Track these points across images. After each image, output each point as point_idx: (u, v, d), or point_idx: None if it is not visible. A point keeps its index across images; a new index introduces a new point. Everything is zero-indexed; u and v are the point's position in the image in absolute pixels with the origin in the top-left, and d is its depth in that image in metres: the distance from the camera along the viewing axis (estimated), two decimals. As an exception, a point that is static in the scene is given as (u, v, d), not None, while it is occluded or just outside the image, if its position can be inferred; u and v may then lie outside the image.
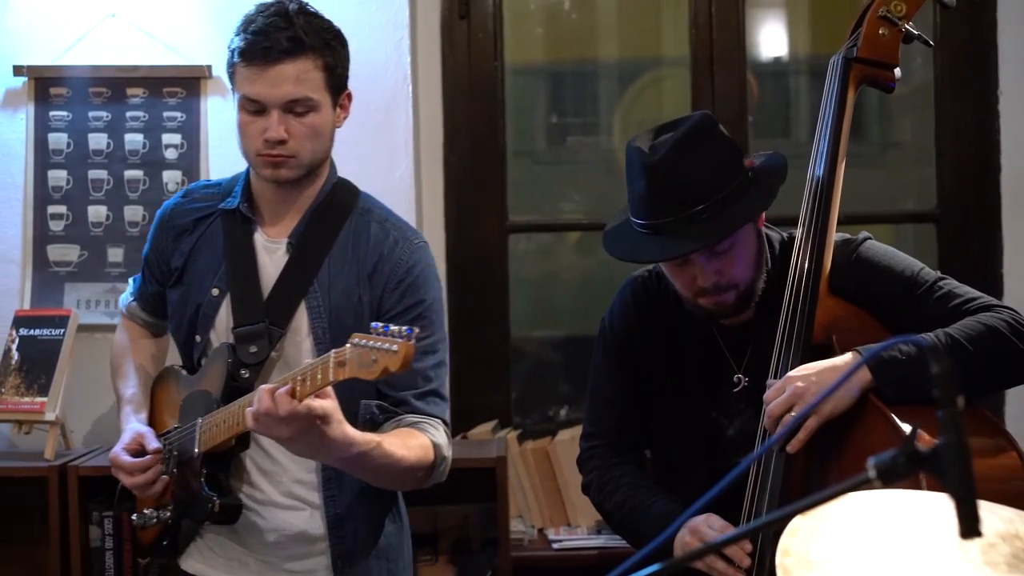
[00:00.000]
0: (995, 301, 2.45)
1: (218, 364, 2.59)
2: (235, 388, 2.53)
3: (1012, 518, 1.80)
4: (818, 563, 1.61)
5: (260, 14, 2.52)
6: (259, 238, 2.65)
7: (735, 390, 2.57)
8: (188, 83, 3.85)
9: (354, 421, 2.38)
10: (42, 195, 3.88)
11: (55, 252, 3.88)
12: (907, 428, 2.19)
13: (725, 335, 2.60)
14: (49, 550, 3.49)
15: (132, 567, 3.53)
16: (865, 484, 1.22)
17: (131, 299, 2.90)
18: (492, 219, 4.14)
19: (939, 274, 2.51)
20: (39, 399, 3.60)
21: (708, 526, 2.41)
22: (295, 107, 2.50)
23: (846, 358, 2.34)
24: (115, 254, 3.87)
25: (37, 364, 3.64)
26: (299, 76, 2.49)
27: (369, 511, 2.65)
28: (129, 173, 3.87)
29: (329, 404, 2.22)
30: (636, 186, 2.47)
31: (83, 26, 3.86)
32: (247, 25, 2.52)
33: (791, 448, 2.35)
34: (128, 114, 3.87)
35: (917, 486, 1.75)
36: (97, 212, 3.88)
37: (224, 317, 2.63)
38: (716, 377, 2.59)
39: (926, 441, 1.25)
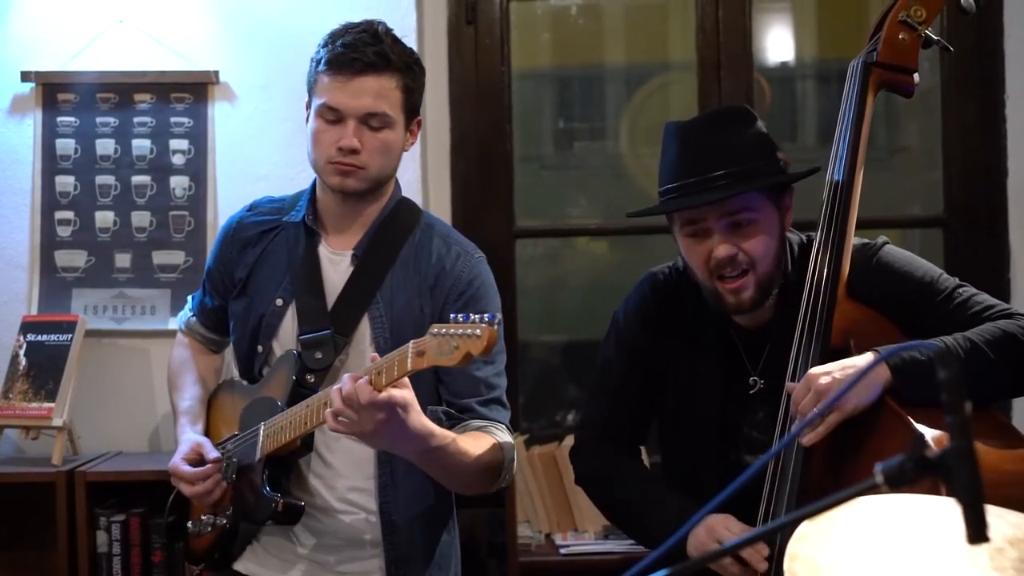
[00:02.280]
0: (1014, 309, 2.46)
1: (284, 370, 2.64)
2: (300, 394, 2.58)
3: (1020, 523, 1.80)
4: (825, 568, 1.60)
5: (349, 30, 2.60)
6: (323, 250, 2.70)
7: (751, 392, 2.57)
8: (196, 89, 3.86)
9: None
10: (49, 201, 3.89)
11: (62, 258, 3.89)
12: (922, 431, 2.18)
13: (742, 336, 2.59)
14: (57, 555, 3.50)
15: (141, 572, 3.53)
16: (873, 489, 1.21)
17: (191, 315, 2.96)
18: (499, 224, 4.14)
19: (958, 281, 2.51)
20: (47, 404, 3.60)
21: (726, 527, 2.40)
22: (371, 120, 2.57)
23: (867, 357, 2.34)
24: (122, 259, 3.88)
25: (44, 369, 3.65)
26: (380, 91, 2.56)
27: (425, 518, 2.70)
28: (136, 179, 3.88)
29: (408, 393, 2.27)
30: (667, 155, 2.52)
31: (91, 32, 3.87)
32: (335, 38, 2.59)
33: (808, 441, 2.34)
34: (136, 119, 3.88)
35: (936, 491, 1.75)
36: (104, 218, 3.88)
37: (288, 327, 2.68)
38: (732, 377, 2.58)
39: (936, 444, 1.25)
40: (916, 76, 2.58)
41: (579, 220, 4.54)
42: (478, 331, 2.12)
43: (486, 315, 2.14)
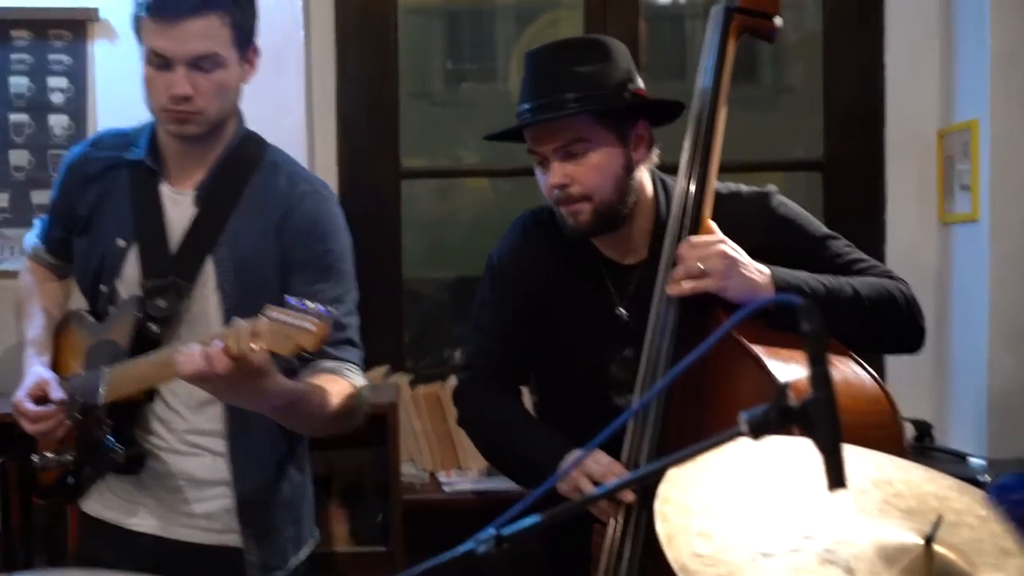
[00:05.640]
0: (893, 272, 2.57)
1: (127, 316, 2.58)
2: (143, 341, 2.53)
3: (883, 464, 1.86)
4: (696, 510, 1.64)
5: None
6: (165, 190, 2.64)
7: (617, 324, 2.60)
8: (75, 26, 3.79)
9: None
10: (-75, 137, 3.81)
11: (-61, 195, 3.82)
12: (781, 378, 2.24)
13: (612, 272, 2.63)
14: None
15: (21, 516, 3.49)
16: (737, 437, 1.25)
17: (37, 241, 2.88)
18: (385, 165, 4.12)
19: (846, 240, 2.61)
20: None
21: (594, 461, 2.44)
22: (202, 63, 2.49)
23: (763, 268, 2.41)
24: (0, 199, 3.81)
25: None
26: (207, 32, 2.47)
27: (274, 459, 2.67)
28: (14, 117, 3.81)
29: (264, 358, 2.23)
30: (524, 81, 2.55)
31: (-35, -36, 3.78)
32: None
33: (672, 291, 2.40)
34: (13, 56, 3.80)
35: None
36: (-19, 156, 3.82)
37: (131, 269, 2.62)
38: (600, 312, 2.62)
39: (799, 392, 1.29)
40: (779, 20, 2.60)
41: (467, 159, 4.53)
42: (311, 326, 2.10)
43: (320, 308, 2.12)
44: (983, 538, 1.73)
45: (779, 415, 1.21)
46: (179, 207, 2.62)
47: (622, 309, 2.61)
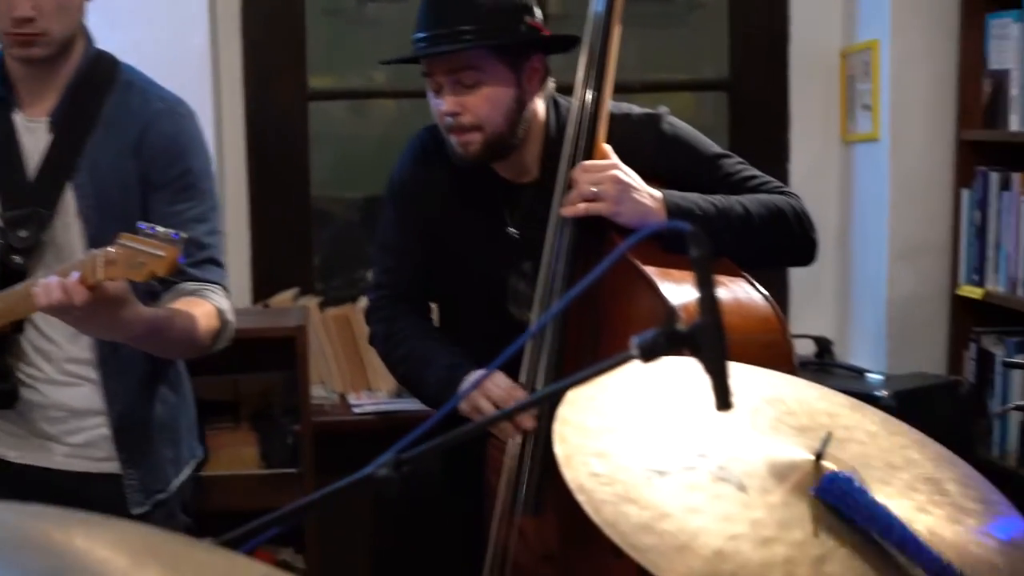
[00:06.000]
0: (787, 188, 2.63)
1: None
2: (8, 273, 2.48)
3: (777, 383, 1.91)
4: (594, 431, 1.68)
5: None
6: (18, 119, 2.58)
7: (510, 242, 2.63)
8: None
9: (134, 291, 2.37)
10: None
11: None
12: (674, 301, 2.28)
13: (505, 191, 2.66)
14: None
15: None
16: (628, 361, 1.28)
17: None
18: (292, 86, 4.08)
19: (738, 157, 2.65)
20: None
21: (494, 384, 2.48)
22: None
23: (655, 190, 2.45)
24: None
25: None
26: None
27: (146, 383, 2.65)
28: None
29: (121, 287, 2.21)
30: (420, 9, 2.56)
31: None
32: None
33: (566, 212, 2.43)
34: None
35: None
36: None
37: None
38: (494, 230, 2.65)
39: (691, 314, 1.32)
40: None
41: (378, 78, 4.47)
42: (161, 252, 2.11)
43: (171, 232, 2.12)
44: (872, 453, 1.78)
45: (668, 339, 1.24)
46: (34, 135, 2.56)
47: (513, 228, 2.63)
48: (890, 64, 3.86)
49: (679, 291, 2.30)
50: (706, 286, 1.22)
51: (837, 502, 1.56)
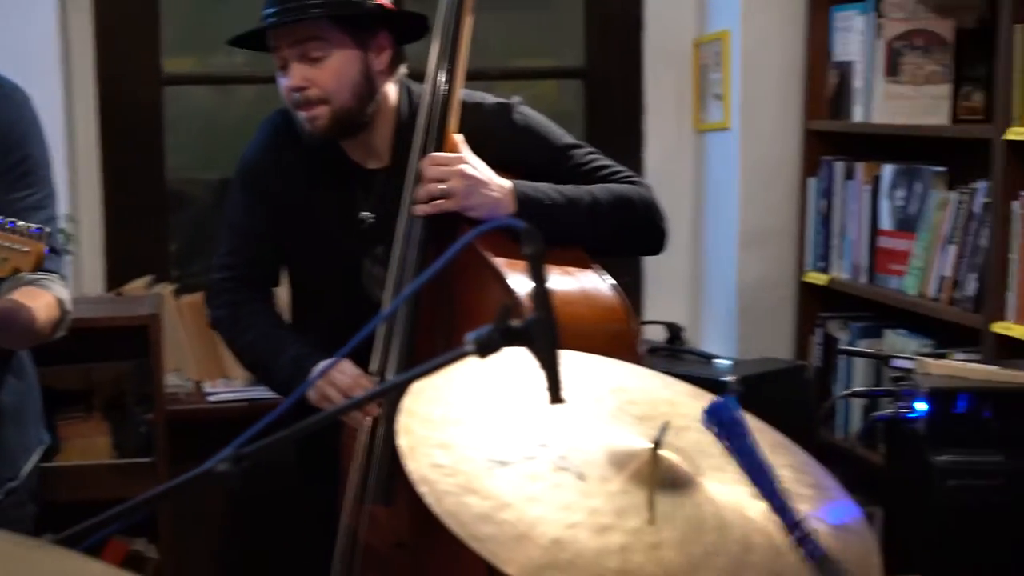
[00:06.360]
0: (638, 178, 2.67)
1: None
2: None
3: (620, 372, 1.94)
4: (438, 421, 1.70)
5: None
6: None
7: (363, 226, 2.64)
8: None
9: None
10: None
11: None
12: (521, 291, 2.32)
13: (358, 175, 2.66)
14: None
15: None
16: (464, 356, 1.30)
17: None
18: (146, 69, 4.02)
19: (590, 147, 2.69)
20: None
21: (341, 373, 2.49)
22: None
23: (505, 181, 2.48)
24: None
25: None
26: None
27: None
28: None
29: None
30: None
31: None
32: None
33: (418, 211, 2.46)
34: None
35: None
36: None
37: None
38: (347, 215, 2.65)
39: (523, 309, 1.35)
40: None
41: (237, 58, 4.40)
42: (26, 247, 2.10)
43: (31, 227, 2.11)
44: (709, 441, 1.82)
45: (502, 335, 1.27)
46: None
47: (366, 212, 2.64)
48: (740, 54, 3.93)
49: (527, 282, 2.33)
50: (539, 282, 1.25)
51: (722, 427, 1.58)
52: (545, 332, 1.25)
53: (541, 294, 1.25)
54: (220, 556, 3.99)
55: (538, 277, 1.25)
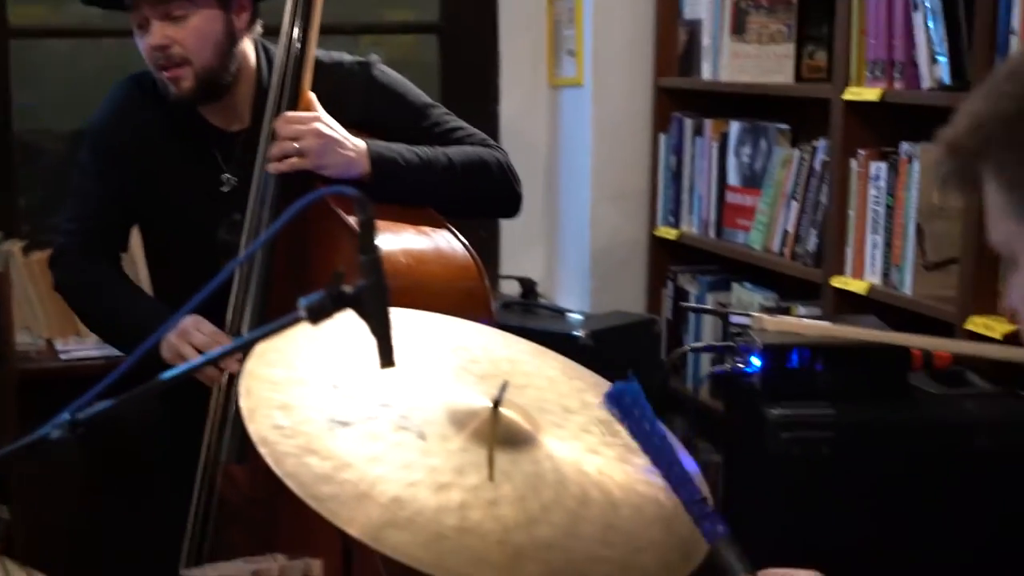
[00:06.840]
0: (493, 142, 2.70)
1: None
2: None
3: (463, 331, 1.97)
4: (281, 383, 1.71)
5: None
6: None
7: (223, 191, 2.63)
8: None
9: None
10: None
11: None
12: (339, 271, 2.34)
13: (218, 139, 2.65)
14: None
15: None
16: (296, 322, 1.32)
17: None
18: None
19: (445, 109, 2.70)
20: None
21: (196, 329, 2.49)
22: None
23: (359, 141, 2.49)
24: None
25: None
26: None
27: None
28: None
29: None
30: None
31: None
32: None
33: (272, 168, 2.46)
34: None
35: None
36: None
37: None
38: (206, 179, 2.64)
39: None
40: None
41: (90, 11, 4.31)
42: None
43: None
44: (548, 398, 1.87)
45: (333, 300, 1.29)
46: None
47: (228, 175, 2.63)
48: (592, 11, 3.97)
49: (384, 239, 2.36)
50: (370, 250, 1.28)
51: (622, 410, 1.60)
52: (376, 298, 1.27)
53: (372, 261, 1.27)
54: (75, 513, 3.95)
55: (369, 244, 1.27)
